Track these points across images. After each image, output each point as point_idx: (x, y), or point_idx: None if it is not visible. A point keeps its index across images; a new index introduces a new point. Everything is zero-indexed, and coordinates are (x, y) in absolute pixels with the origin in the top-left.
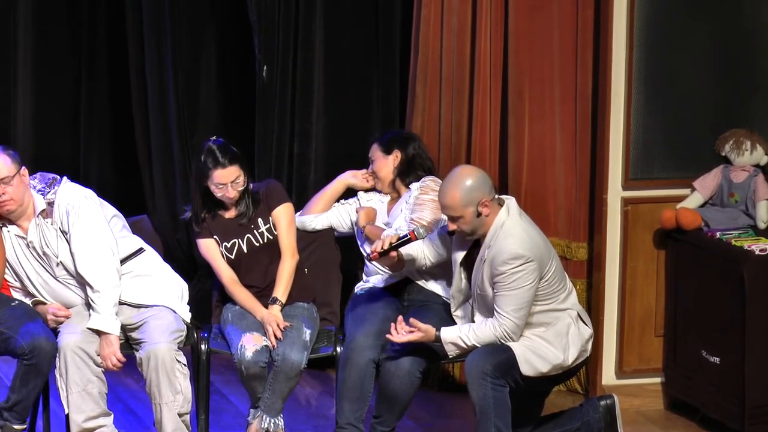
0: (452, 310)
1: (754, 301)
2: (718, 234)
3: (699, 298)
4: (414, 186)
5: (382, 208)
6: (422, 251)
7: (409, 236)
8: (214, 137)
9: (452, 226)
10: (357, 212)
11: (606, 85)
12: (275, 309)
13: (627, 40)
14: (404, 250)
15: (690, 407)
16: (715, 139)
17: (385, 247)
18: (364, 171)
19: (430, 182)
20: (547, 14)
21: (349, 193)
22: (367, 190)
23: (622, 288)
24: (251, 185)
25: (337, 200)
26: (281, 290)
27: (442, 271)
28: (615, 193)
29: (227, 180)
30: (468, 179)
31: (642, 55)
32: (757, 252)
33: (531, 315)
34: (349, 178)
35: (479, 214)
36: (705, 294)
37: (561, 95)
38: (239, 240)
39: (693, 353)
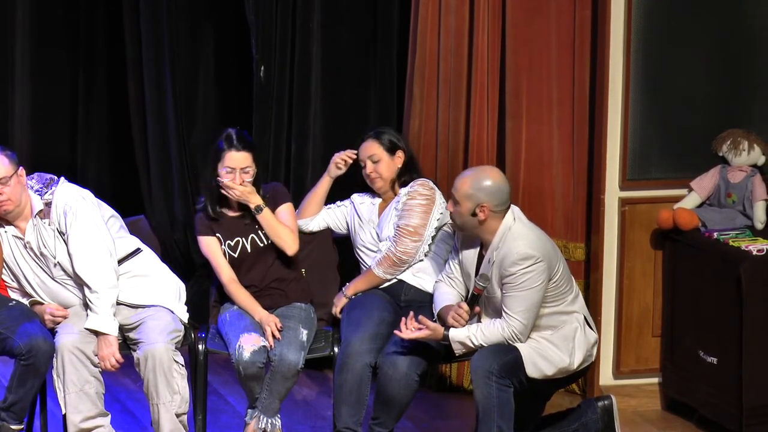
0: None
1: (751, 302)
2: (715, 234)
3: (696, 298)
4: (403, 191)
5: (374, 210)
6: (455, 290)
7: (475, 293)
8: (237, 127)
9: (450, 208)
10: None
11: (603, 85)
12: (265, 212)
13: (624, 41)
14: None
15: (687, 407)
16: (713, 139)
17: (465, 318)
18: (336, 158)
19: (418, 187)
20: (545, 15)
21: (343, 194)
22: (361, 191)
23: (619, 288)
24: (261, 188)
25: (328, 201)
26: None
27: (437, 272)
28: (612, 193)
29: (237, 165)
30: (487, 179)
31: (639, 56)
32: (754, 252)
33: (539, 317)
34: (332, 173)
35: (474, 214)
36: (702, 294)
37: (558, 96)
38: (243, 239)
39: (690, 353)
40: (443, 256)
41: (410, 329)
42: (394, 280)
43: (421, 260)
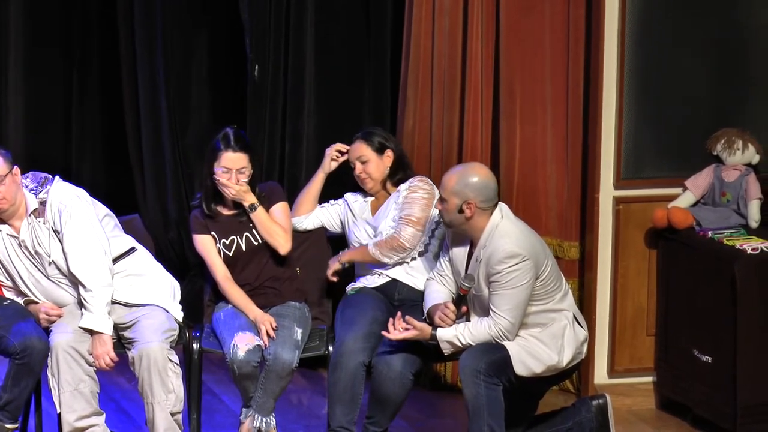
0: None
1: (745, 300)
2: (709, 233)
3: (691, 297)
4: (402, 187)
5: (366, 208)
6: (446, 288)
7: (461, 293)
8: (235, 126)
9: (438, 206)
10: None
11: (597, 84)
12: (259, 211)
13: (618, 40)
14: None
15: (682, 406)
16: (707, 138)
17: (452, 318)
18: (331, 151)
19: (418, 182)
20: (539, 14)
21: (336, 192)
22: (354, 191)
23: (613, 287)
24: (257, 187)
25: (327, 198)
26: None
27: (431, 270)
28: (607, 192)
29: (233, 166)
30: (474, 176)
31: (633, 55)
32: (748, 251)
33: (527, 315)
34: (326, 169)
35: (461, 211)
36: (697, 293)
37: (552, 95)
38: (238, 237)
39: (685, 352)
40: (437, 255)
41: (398, 329)
42: (387, 279)
43: (414, 258)
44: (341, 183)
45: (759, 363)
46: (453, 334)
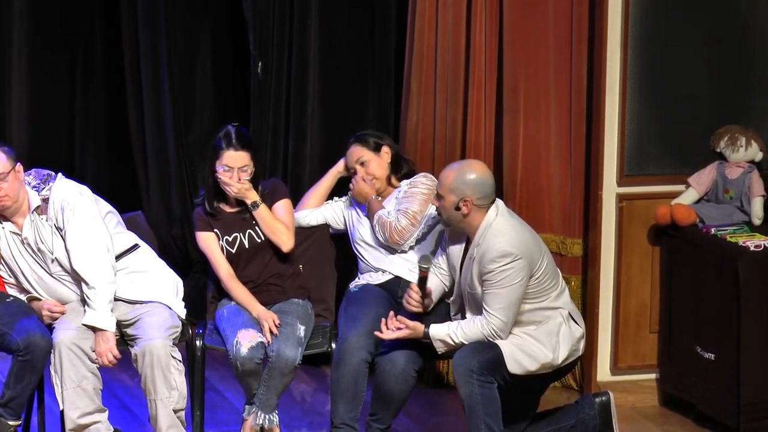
0: (451, 313)
1: (748, 298)
2: (713, 230)
3: (694, 294)
4: (404, 182)
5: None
6: (440, 280)
7: (421, 275)
8: (236, 123)
9: (435, 203)
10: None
11: (601, 80)
12: (261, 208)
13: (622, 36)
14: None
15: (685, 403)
16: (710, 135)
17: (417, 299)
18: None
19: (421, 177)
20: (542, 10)
21: (342, 189)
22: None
23: (616, 284)
24: (260, 185)
25: (330, 196)
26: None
27: None
28: (610, 189)
29: (235, 164)
30: (471, 173)
31: (637, 51)
32: (752, 248)
33: (521, 313)
34: (340, 168)
35: (458, 208)
36: (700, 290)
37: (556, 91)
38: (240, 234)
39: (688, 349)
40: (435, 251)
41: (391, 329)
42: (391, 276)
43: (405, 251)
44: (347, 180)
45: (762, 360)
46: (446, 333)
